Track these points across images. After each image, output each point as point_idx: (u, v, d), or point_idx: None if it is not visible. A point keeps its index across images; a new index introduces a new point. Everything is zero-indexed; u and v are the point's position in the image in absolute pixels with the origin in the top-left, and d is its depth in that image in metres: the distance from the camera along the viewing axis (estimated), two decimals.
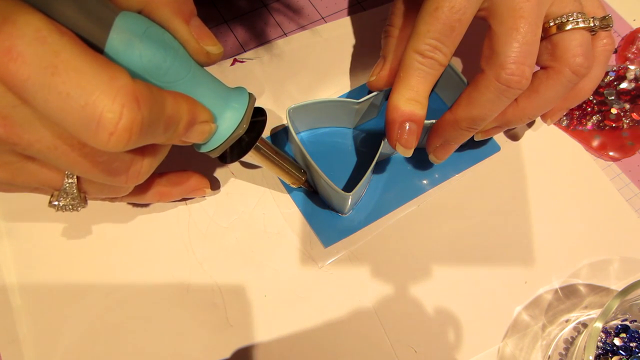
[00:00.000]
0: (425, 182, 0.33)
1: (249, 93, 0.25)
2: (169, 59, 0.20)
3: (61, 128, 0.18)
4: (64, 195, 0.23)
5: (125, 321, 0.29)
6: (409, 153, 0.28)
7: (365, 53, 0.38)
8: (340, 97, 0.36)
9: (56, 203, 0.24)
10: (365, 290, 0.30)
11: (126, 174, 0.22)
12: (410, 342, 0.29)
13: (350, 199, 0.29)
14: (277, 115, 0.35)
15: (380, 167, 0.34)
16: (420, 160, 0.34)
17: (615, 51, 0.39)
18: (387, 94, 0.32)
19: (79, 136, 0.18)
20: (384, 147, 0.30)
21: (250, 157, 0.27)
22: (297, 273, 0.31)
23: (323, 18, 0.39)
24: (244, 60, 0.37)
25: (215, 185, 0.33)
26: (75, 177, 0.23)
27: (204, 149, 0.25)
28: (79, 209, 0.24)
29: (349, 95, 0.36)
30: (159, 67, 0.20)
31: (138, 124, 0.18)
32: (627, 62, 0.38)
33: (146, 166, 0.22)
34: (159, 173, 0.29)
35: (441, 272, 0.31)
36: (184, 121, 0.21)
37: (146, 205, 0.32)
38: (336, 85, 0.37)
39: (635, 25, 0.40)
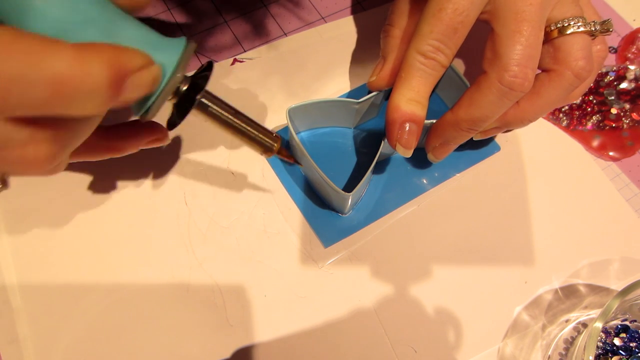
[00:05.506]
0: (425, 182, 0.33)
1: (189, 40, 0.21)
2: None
3: None
4: None
5: (125, 321, 0.29)
6: (409, 153, 0.28)
7: (365, 53, 0.38)
8: (340, 97, 0.36)
9: None
10: (365, 290, 0.30)
11: (21, 164, 0.18)
12: (410, 342, 0.29)
13: (350, 199, 0.29)
14: (277, 115, 0.35)
15: (380, 167, 0.34)
16: (420, 160, 0.34)
17: (615, 51, 0.39)
18: (387, 93, 0.32)
19: None
20: (384, 147, 0.30)
21: (201, 118, 0.23)
22: (297, 273, 0.31)
23: (323, 18, 0.39)
24: (243, 60, 0.37)
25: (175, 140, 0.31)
26: None
27: (138, 111, 0.21)
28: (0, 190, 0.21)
29: (349, 95, 0.36)
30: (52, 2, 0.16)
31: None
32: (627, 62, 0.38)
33: (43, 153, 0.18)
34: (107, 126, 0.25)
35: (441, 272, 0.31)
36: (102, 81, 0.16)
37: (146, 204, 0.32)
38: (336, 85, 0.37)
39: (635, 25, 0.40)
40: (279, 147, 0.26)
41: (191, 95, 0.22)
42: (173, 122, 0.23)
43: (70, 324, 0.29)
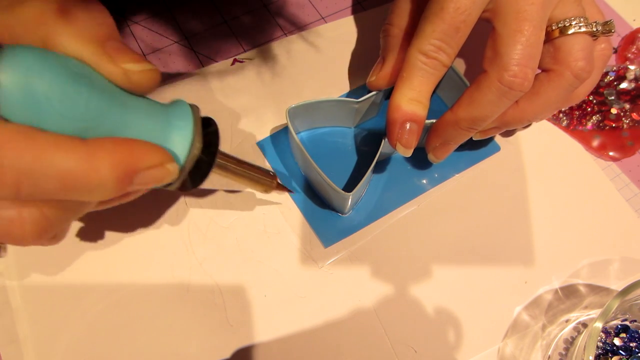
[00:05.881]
0: (425, 182, 0.33)
1: (190, 104, 0.21)
2: (85, 91, 0.17)
3: None
4: None
5: (125, 321, 0.29)
6: (409, 153, 0.28)
7: (365, 53, 0.38)
8: (340, 97, 0.36)
9: None
10: (365, 290, 0.30)
11: (9, 237, 0.19)
12: (410, 342, 0.29)
13: (350, 199, 0.29)
14: (277, 115, 0.35)
15: (380, 167, 0.34)
16: (420, 160, 0.34)
17: (615, 51, 0.39)
18: (387, 93, 0.32)
19: None
20: (384, 147, 0.30)
21: (217, 175, 0.24)
22: (297, 273, 0.31)
23: (323, 18, 0.39)
24: (243, 60, 0.37)
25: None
26: None
27: (157, 186, 0.20)
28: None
29: (349, 95, 0.36)
30: (76, 104, 0.16)
31: None
32: (627, 62, 0.38)
33: (30, 229, 0.18)
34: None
35: (441, 272, 0.31)
36: (109, 178, 0.17)
37: (146, 204, 0.32)
38: (336, 85, 0.37)
39: (635, 25, 0.40)
40: (277, 183, 0.28)
41: (203, 157, 0.22)
42: (184, 187, 0.23)
43: (70, 324, 0.29)
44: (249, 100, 0.36)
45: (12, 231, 0.18)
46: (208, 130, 0.22)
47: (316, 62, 0.37)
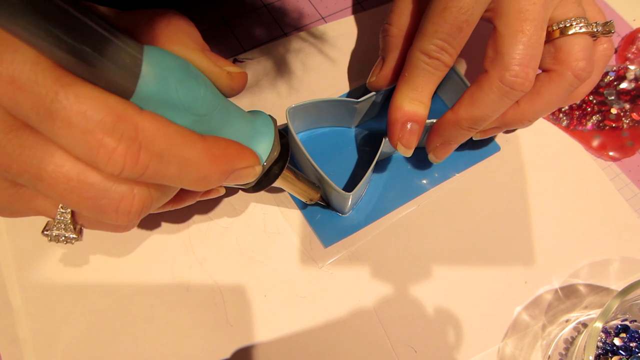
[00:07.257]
0: (425, 182, 0.33)
1: (267, 114, 0.24)
2: (202, 89, 0.19)
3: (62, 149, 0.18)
4: (57, 226, 0.22)
5: (125, 321, 0.29)
6: (410, 153, 0.28)
7: (365, 53, 0.38)
8: (340, 97, 0.36)
9: (47, 232, 0.22)
10: (365, 290, 0.30)
11: (115, 213, 0.20)
12: (410, 342, 0.29)
13: (350, 198, 0.29)
14: (277, 115, 0.35)
15: (381, 167, 0.34)
16: (421, 160, 0.34)
17: (615, 51, 0.39)
18: (387, 93, 0.32)
19: (84, 159, 0.18)
20: (384, 146, 0.30)
21: (278, 182, 0.26)
22: (297, 273, 0.31)
23: (323, 18, 0.39)
24: (243, 60, 0.37)
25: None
26: (69, 209, 0.21)
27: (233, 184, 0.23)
28: (74, 242, 0.23)
29: (349, 95, 0.36)
30: (196, 98, 0.19)
31: (133, 153, 0.17)
32: (627, 62, 0.38)
33: (137, 206, 0.20)
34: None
35: (441, 272, 0.31)
36: (217, 174, 0.20)
37: None
38: (336, 85, 0.36)
39: (635, 25, 0.40)
40: (319, 197, 0.30)
41: (276, 164, 0.24)
42: (251, 188, 0.24)
43: (70, 324, 0.29)
44: (249, 100, 0.36)
45: (121, 206, 0.19)
46: (281, 141, 0.24)
47: (316, 62, 0.37)
